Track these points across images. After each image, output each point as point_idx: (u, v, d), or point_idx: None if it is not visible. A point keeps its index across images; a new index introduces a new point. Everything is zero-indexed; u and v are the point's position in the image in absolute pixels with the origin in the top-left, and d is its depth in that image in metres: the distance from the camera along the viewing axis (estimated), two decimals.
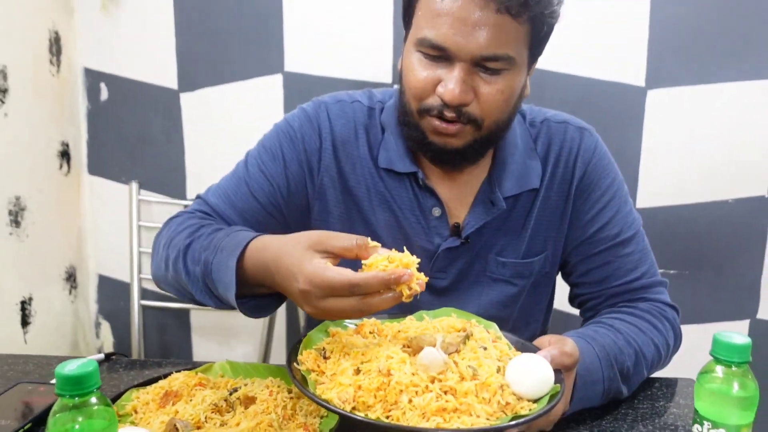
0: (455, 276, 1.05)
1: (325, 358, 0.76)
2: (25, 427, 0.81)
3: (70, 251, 1.80)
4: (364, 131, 1.05)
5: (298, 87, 1.73)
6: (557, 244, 1.07)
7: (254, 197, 1.02)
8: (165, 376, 0.91)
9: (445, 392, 0.68)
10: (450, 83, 0.89)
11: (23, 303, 1.60)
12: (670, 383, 1.00)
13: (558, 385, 0.72)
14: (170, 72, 1.77)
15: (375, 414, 0.67)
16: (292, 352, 0.78)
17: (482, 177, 1.04)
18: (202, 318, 1.90)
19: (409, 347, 0.75)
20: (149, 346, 1.89)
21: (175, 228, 0.97)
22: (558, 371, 0.75)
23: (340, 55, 1.72)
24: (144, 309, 1.76)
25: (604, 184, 1.06)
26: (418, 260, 0.74)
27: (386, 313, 0.87)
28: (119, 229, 1.81)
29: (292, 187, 1.03)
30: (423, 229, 1.02)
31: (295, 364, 0.76)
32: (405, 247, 0.76)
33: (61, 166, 1.74)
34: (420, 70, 0.91)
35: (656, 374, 1.01)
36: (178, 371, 0.92)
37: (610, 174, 1.07)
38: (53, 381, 0.92)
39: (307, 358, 0.77)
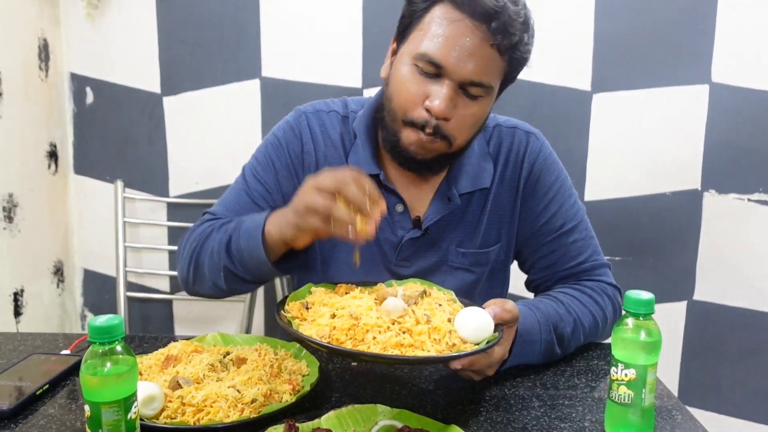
0: (418, 265, 1.17)
1: (306, 308, 0.91)
2: (44, 388, 0.93)
3: (57, 247, 1.90)
4: (339, 138, 1.17)
5: (274, 91, 1.86)
6: (510, 235, 1.20)
7: (255, 203, 1.15)
8: (164, 346, 1.03)
9: (403, 332, 0.82)
10: (438, 98, 0.99)
11: (15, 294, 1.70)
12: (605, 346, 1.15)
13: (497, 333, 0.87)
14: (153, 77, 1.88)
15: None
16: (280, 304, 0.92)
17: (441, 177, 1.16)
18: (184, 307, 2.01)
19: (376, 299, 0.90)
20: (133, 335, 1.98)
21: (199, 230, 1.11)
22: (499, 325, 0.90)
23: (313, 61, 1.85)
24: (129, 300, 1.87)
25: (548, 181, 1.18)
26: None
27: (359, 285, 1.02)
28: (104, 225, 1.92)
29: (284, 189, 1.16)
30: (388, 223, 1.14)
31: (282, 311, 0.90)
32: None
33: (49, 166, 1.84)
34: (412, 84, 1.01)
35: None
36: (176, 341, 1.04)
37: (554, 172, 1.19)
38: (64, 351, 1.05)
39: (292, 308, 0.90)
